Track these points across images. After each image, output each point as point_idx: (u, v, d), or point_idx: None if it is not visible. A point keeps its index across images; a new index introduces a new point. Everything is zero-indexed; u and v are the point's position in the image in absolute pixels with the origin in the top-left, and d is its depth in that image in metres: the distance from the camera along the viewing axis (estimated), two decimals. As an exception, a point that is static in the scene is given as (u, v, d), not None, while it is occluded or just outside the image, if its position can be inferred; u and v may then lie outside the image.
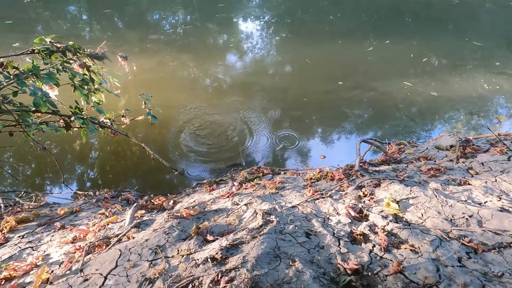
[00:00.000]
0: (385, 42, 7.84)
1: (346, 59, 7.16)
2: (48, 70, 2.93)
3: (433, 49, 7.40)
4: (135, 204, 2.65)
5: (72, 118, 3.19)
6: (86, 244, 2.02)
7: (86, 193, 3.58)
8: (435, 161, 3.21)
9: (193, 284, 1.49)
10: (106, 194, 3.37)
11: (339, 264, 1.63)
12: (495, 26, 9.42)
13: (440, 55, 7.17)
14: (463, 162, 3.03)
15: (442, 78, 6.24)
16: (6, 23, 8.36)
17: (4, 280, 1.80)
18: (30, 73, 2.77)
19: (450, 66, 6.74)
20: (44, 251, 2.14)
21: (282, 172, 3.36)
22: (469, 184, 2.55)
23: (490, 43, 7.74)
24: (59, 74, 2.96)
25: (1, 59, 2.89)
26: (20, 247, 2.20)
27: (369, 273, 1.59)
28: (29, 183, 4.03)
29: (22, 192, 3.64)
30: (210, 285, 1.44)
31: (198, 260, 1.67)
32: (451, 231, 1.92)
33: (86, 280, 1.70)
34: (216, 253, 1.66)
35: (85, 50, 3.26)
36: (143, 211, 2.60)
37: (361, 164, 3.01)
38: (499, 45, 7.82)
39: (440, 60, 6.98)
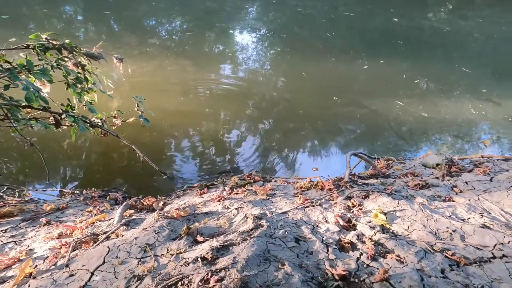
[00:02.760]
0: (380, 62, 8.10)
1: (341, 75, 7.36)
2: (42, 66, 2.91)
3: (424, 72, 7.68)
4: (124, 203, 2.63)
5: (63, 116, 3.15)
6: (73, 240, 1.99)
7: (73, 191, 3.52)
8: (421, 177, 3.31)
9: (182, 282, 1.49)
10: (93, 193, 3.32)
11: (327, 269, 1.65)
12: (482, 54, 9.86)
13: (430, 78, 7.44)
14: (448, 180, 3.14)
15: (432, 100, 6.47)
16: (2, 17, 8.29)
17: (-15, 272, 1.75)
18: (23, 68, 2.75)
19: (440, 90, 6.99)
20: (28, 246, 2.09)
21: (273, 180, 3.39)
22: (453, 201, 2.64)
23: (477, 71, 8.08)
24: (53, 71, 2.94)
25: (-6, 53, 2.87)
26: (2, 241, 2.15)
27: (356, 280, 1.62)
28: (13, 179, 3.93)
29: (5, 188, 3.54)
30: (200, 283, 1.45)
31: (188, 259, 1.67)
32: (435, 244, 1.98)
33: (71, 275, 1.67)
34: (207, 253, 1.66)
35: (81, 49, 3.26)
36: (132, 211, 2.58)
37: (350, 176, 3.08)
38: (485, 73, 8.17)
39: (431, 83, 7.24)
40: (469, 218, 2.31)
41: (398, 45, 9.66)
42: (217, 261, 1.63)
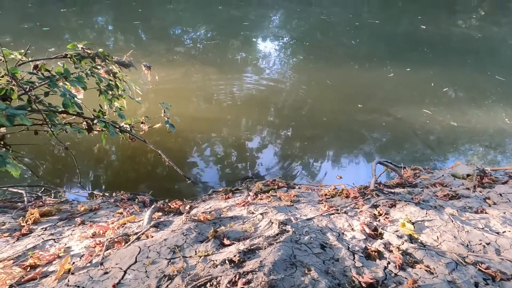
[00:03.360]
0: (406, 69, 7.93)
1: (366, 83, 7.26)
2: (77, 74, 3.10)
3: (454, 80, 7.43)
4: (153, 206, 2.72)
5: (95, 121, 3.33)
6: (106, 240, 2.09)
7: (103, 193, 3.68)
8: (451, 188, 3.20)
9: (211, 283, 1.53)
10: (122, 196, 3.46)
11: (354, 276, 1.64)
12: (518, 62, 9.41)
13: (460, 86, 7.18)
14: (480, 192, 3.02)
15: (461, 109, 6.24)
16: (44, 29, 8.88)
17: (29, 268, 1.88)
18: (61, 76, 2.94)
19: (470, 98, 6.74)
20: (66, 244, 2.21)
21: (297, 187, 3.40)
22: (486, 212, 2.53)
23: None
24: (87, 79, 3.13)
25: (37, 62, 3.09)
26: (43, 238, 2.28)
27: (384, 289, 1.60)
28: (48, 181, 4.16)
29: (43, 189, 3.76)
30: (228, 285, 1.48)
31: (215, 261, 1.71)
32: (467, 256, 1.92)
33: (106, 273, 1.76)
34: (234, 256, 1.70)
35: (113, 57, 3.44)
36: (160, 213, 2.67)
37: (376, 184, 3.03)
38: (521, 81, 7.79)
39: (460, 91, 7.00)
40: (505, 232, 2.21)
41: (426, 53, 9.41)
42: (244, 264, 1.66)
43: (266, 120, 5.60)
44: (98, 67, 3.34)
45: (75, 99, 2.91)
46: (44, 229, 2.42)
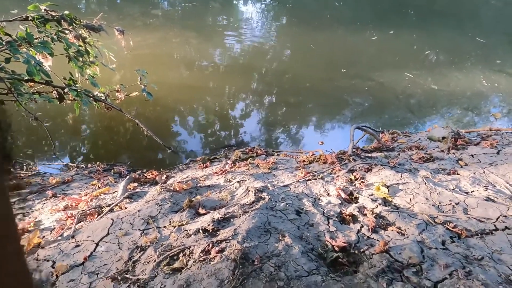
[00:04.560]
0: (389, 32, 7.79)
1: (349, 47, 7.12)
2: (42, 39, 2.85)
3: (436, 42, 7.38)
4: (128, 176, 2.66)
5: (66, 90, 3.12)
6: (78, 212, 2.03)
7: (78, 165, 3.56)
8: (426, 151, 3.26)
9: (184, 253, 1.52)
10: (98, 167, 3.36)
11: (327, 241, 1.67)
12: (499, 23, 9.40)
13: (442, 49, 7.16)
14: (454, 154, 3.09)
15: (442, 72, 6.26)
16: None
17: (-5, 243, 1.81)
18: (23, 41, 2.69)
19: (451, 61, 6.76)
20: (36, 218, 2.14)
21: (276, 154, 3.38)
22: (458, 174, 2.61)
23: (492, 40, 7.73)
24: (54, 44, 2.88)
25: (-7, 24, 2.81)
26: (11, 213, 2.20)
27: (356, 251, 1.64)
28: (20, 153, 3.98)
29: (13, 162, 3.60)
30: (201, 254, 1.47)
31: (189, 231, 1.70)
32: (437, 217, 1.98)
33: (77, 246, 1.72)
34: (208, 225, 1.68)
35: (81, 20, 3.17)
36: (135, 184, 2.61)
37: (354, 149, 3.04)
38: (501, 43, 7.82)
39: (442, 54, 6.98)
40: (473, 191, 2.29)
41: (410, 15, 9.23)
42: (218, 232, 1.65)
43: (247, 87, 5.47)
44: (66, 31, 3.07)
45: (42, 66, 2.69)
46: (11, 203, 2.33)
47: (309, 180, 2.40)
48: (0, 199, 0.57)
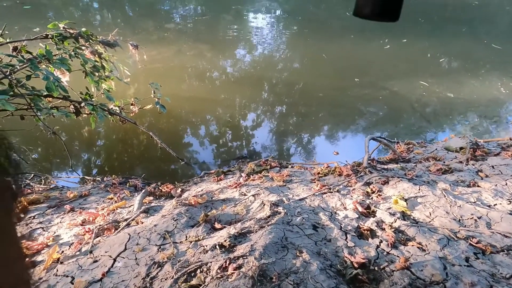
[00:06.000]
0: (403, 40, 7.74)
1: (362, 56, 7.10)
2: (60, 56, 2.96)
3: (450, 50, 7.28)
4: (143, 190, 2.68)
5: (82, 104, 3.22)
6: (96, 227, 2.05)
7: (94, 178, 3.62)
8: (444, 162, 3.19)
9: (201, 269, 1.51)
10: (113, 180, 3.41)
11: (346, 257, 1.63)
12: (515, 29, 9.23)
13: (457, 56, 7.05)
14: (473, 165, 3.01)
15: (457, 80, 6.15)
16: (24, 7, 8.42)
17: (16, 257, 1.84)
18: (43, 58, 2.80)
19: (466, 68, 6.64)
20: (54, 232, 2.18)
21: (290, 166, 3.36)
22: (478, 186, 2.53)
23: (509, 47, 7.57)
24: (71, 60, 2.99)
25: (16, 43, 2.93)
26: (31, 227, 2.24)
27: (376, 268, 1.60)
28: (38, 167, 4.08)
29: (32, 175, 3.69)
30: (218, 270, 1.46)
31: (206, 246, 1.69)
32: (459, 231, 1.92)
33: (95, 261, 1.73)
34: (225, 241, 1.67)
35: (97, 36, 3.28)
36: (151, 198, 2.63)
37: (369, 161, 3.00)
38: (518, 49, 7.65)
39: (457, 61, 6.88)
40: (496, 204, 2.21)
41: (421, 23, 9.17)
42: (235, 248, 1.64)
43: (259, 97, 5.49)
44: (82, 47, 3.19)
45: (60, 82, 2.79)
46: (32, 217, 2.38)
47: (325, 193, 2.37)
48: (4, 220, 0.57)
